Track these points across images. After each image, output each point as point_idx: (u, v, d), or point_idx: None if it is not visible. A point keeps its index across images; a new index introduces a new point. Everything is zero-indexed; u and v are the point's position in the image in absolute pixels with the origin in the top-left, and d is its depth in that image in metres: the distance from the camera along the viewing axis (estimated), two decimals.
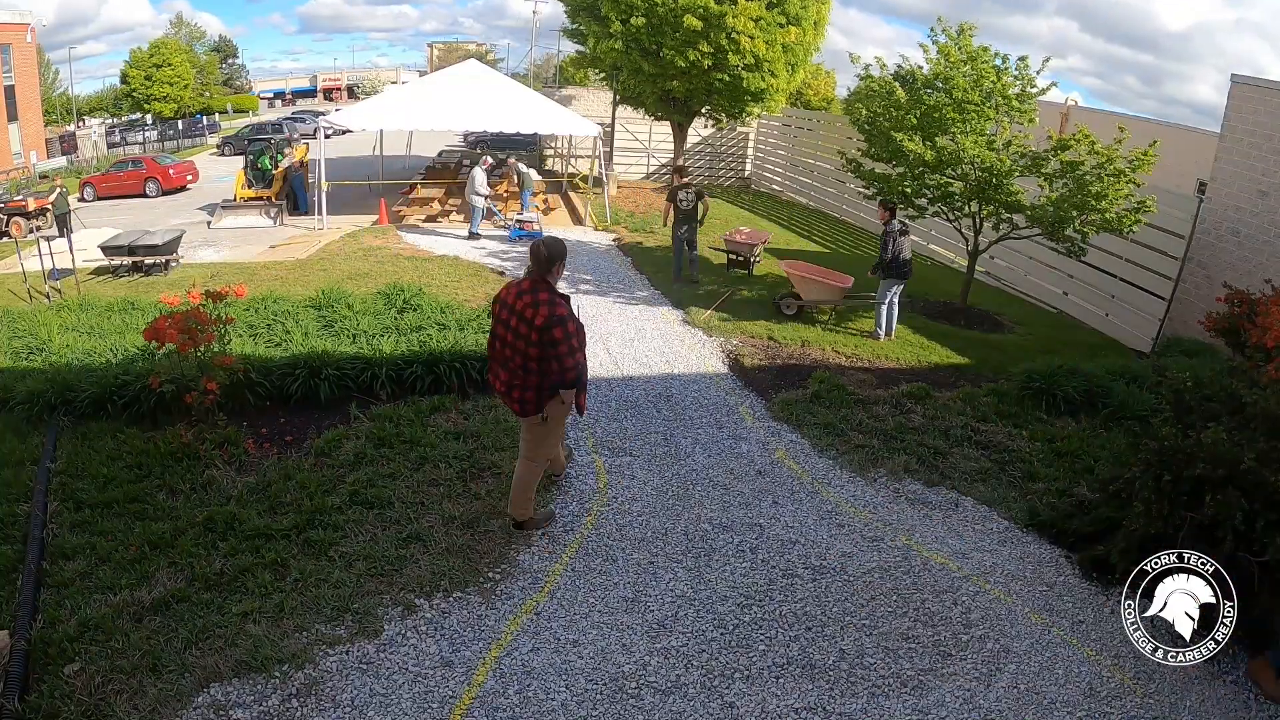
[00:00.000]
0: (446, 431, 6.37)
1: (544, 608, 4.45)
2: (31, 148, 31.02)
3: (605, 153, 18.53)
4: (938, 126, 9.86)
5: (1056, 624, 4.56)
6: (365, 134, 19.69)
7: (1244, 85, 9.71)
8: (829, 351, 8.86)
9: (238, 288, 7.03)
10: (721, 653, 4.17)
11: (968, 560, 5.12)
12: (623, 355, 8.52)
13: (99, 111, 54.91)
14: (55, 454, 5.86)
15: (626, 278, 11.93)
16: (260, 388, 6.68)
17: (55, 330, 8.08)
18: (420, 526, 5.08)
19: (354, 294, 9.34)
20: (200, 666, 3.82)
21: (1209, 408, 4.93)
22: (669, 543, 5.14)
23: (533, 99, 16.82)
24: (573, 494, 5.68)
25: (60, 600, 4.26)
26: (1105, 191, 8.74)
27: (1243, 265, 9.36)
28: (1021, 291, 12.64)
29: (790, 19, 17.19)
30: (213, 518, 5.00)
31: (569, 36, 22.42)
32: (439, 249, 13.09)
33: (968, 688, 4.02)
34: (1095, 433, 7.02)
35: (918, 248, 15.76)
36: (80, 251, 11.26)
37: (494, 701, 3.76)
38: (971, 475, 6.22)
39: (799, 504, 5.70)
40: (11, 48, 30.63)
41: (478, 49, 68.32)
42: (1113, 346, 10.09)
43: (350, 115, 17.61)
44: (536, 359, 4.58)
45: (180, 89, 50.95)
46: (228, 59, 66.26)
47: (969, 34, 10.18)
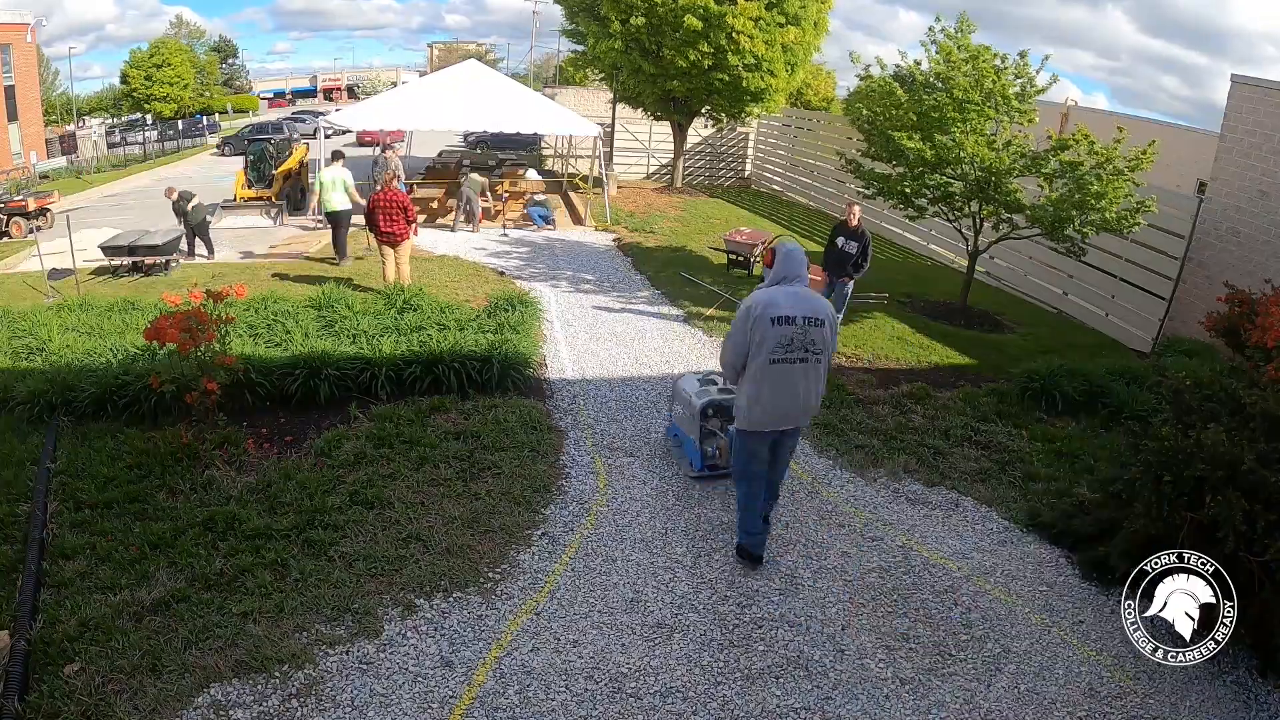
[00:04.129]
0: (446, 431, 6.37)
1: (544, 608, 4.45)
2: (31, 148, 31.00)
3: (605, 153, 18.53)
4: (938, 126, 9.86)
5: (1056, 624, 4.56)
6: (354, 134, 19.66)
7: (1244, 85, 9.71)
8: None
9: (238, 288, 7.03)
10: (721, 653, 4.17)
11: (968, 560, 5.12)
12: (623, 355, 8.52)
13: (99, 112, 54.90)
14: (55, 454, 5.86)
15: (627, 278, 11.93)
16: (260, 388, 6.69)
17: (55, 330, 8.07)
18: (420, 526, 5.08)
19: (354, 294, 9.34)
20: (200, 666, 3.82)
21: (1209, 408, 4.92)
22: (669, 543, 5.14)
23: (533, 99, 16.81)
24: (573, 494, 5.68)
25: (60, 600, 4.26)
26: (1105, 191, 8.74)
27: (1243, 265, 9.36)
28: (1021, 291, 12.64)
29: (790, 19, 17.20)
30: (213, 518, 5.00)
31: (568, 36, 22.43)
32: (439, 249, 13.09)
33: (968, 688, 4.02)
34: (1095, 433, 7.03)
35: (918, 247, 15.82)
36: (80, 251, 11.25)
37: (494, 702, 3.76)
38: (971, 475, 6.22)
39: (799, 504, 5.70)
40: (11, 48, 30.61)
41: (477, 49, 68.37)
42: (1113, 346, 10.09)
43: (350, 115, 17.60)
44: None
45: (180, 89, 50.97)
46: (228, 59, 66.28)
47: (968, 33, 10.18)
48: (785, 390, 4.50)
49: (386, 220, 9.71)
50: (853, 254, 8.88)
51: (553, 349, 8.59)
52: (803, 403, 4.59)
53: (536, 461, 6.04)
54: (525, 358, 7.57)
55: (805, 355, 4.49)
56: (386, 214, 9.69)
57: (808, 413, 4.71)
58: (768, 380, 4.48)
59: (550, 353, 8.46)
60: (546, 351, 8.46)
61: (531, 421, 6.61)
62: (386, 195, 9.68)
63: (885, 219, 16.33)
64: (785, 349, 4.44)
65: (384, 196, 9.70)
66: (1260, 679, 4.19)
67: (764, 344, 4.44)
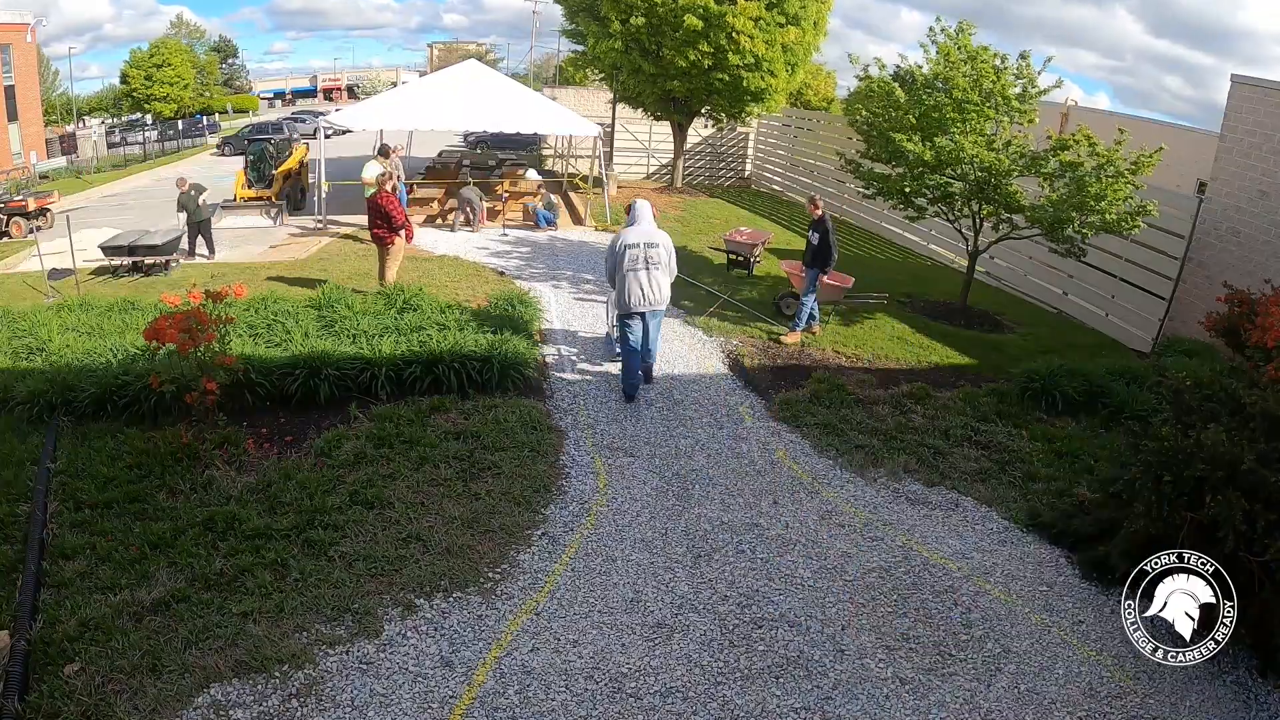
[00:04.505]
0: (446, 431, 6.37)
1: (544, 608, 4.45)
2: (31, 148, 30.99)
3: (605, 153, 18.53)
4: (937, 127, 9.86)
5: (1056, 624, 4.56)
6: (365, 134, 19.66)
7: (1244, 85, 9.70)
8: (829, 351, 8.86)
9: (237, 287, 7.03)
10: (721, 653, 4.17)
11: (968, 560, 5.12)
12: None
13: (99, 112, 54.89)
14: (55, 454, 5.86)
15: None
16: (260, 388, 6.68)
17: (55, 330, 8.07)
18: (420, 526, 5.09)
19: (354, 294, 9.34)
20: (200, 666, 3.82)
21: (1209, 408, 4.92)
22: (669, 543, 5.14)
23: (533, 99, 16.81)
24: (573, 494, 5.68)
25: (60, 600, 4.26)
26: (1105, 192, 8.74)
27: (1243, 265, 9.35)
28: (1021, 291, 12.63)
29: (790, 19, 17.19)
30: (213, 518, 5.01)
31: (568, 36, 22.41)
32: (439, 249, 13.08)
33: (968, 688, 4.02)
34: (1095, 433, 7.03)
35: (918, 247, 15.83)
36: (80, 251, 11.25)
37: (494, 702, 3.77)
38: (971, 475, 6.22)
39: (799, 504, 5.70)
40: (11, 48, 30.60)
41: (478, 49, 68.33)
42: (1113, 346, 10.09)
43: (350, 115, 17.59)
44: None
45: (180, 89, 50.95)
46: (227, 59, 66.27)
47: (968, 33, 10.18)
48: (637, 287, 7.05)
49: (370, 221, 9.89)
50: (815, 244, 9.02)
51: (553, 348, 8.59)
52: (651, 295, 7.10)
53: (536, 461, 6.04)
54: (525, 358, 7.58)
55: (647, 265, 7.05)
56: (371, 216, 9.85)
57: (659, 301, 7.19)
58: (626, 282, 7.06)
59: (550, 352, 8.46)
60: (546, 351, 8.46)
61: (531, 421, 6.61)
62: (374, 198, 9.78)
63: (885, 219, 16.34)
64: (633, 262, 7.03)
65: (372, 199, 9.83)
66: (1260, 679, 4.19)
67: (622, 261, 7.07)
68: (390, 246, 9.83)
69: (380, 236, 9.75)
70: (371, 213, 9.81)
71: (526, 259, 12.73)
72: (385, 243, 9.78)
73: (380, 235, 9.74)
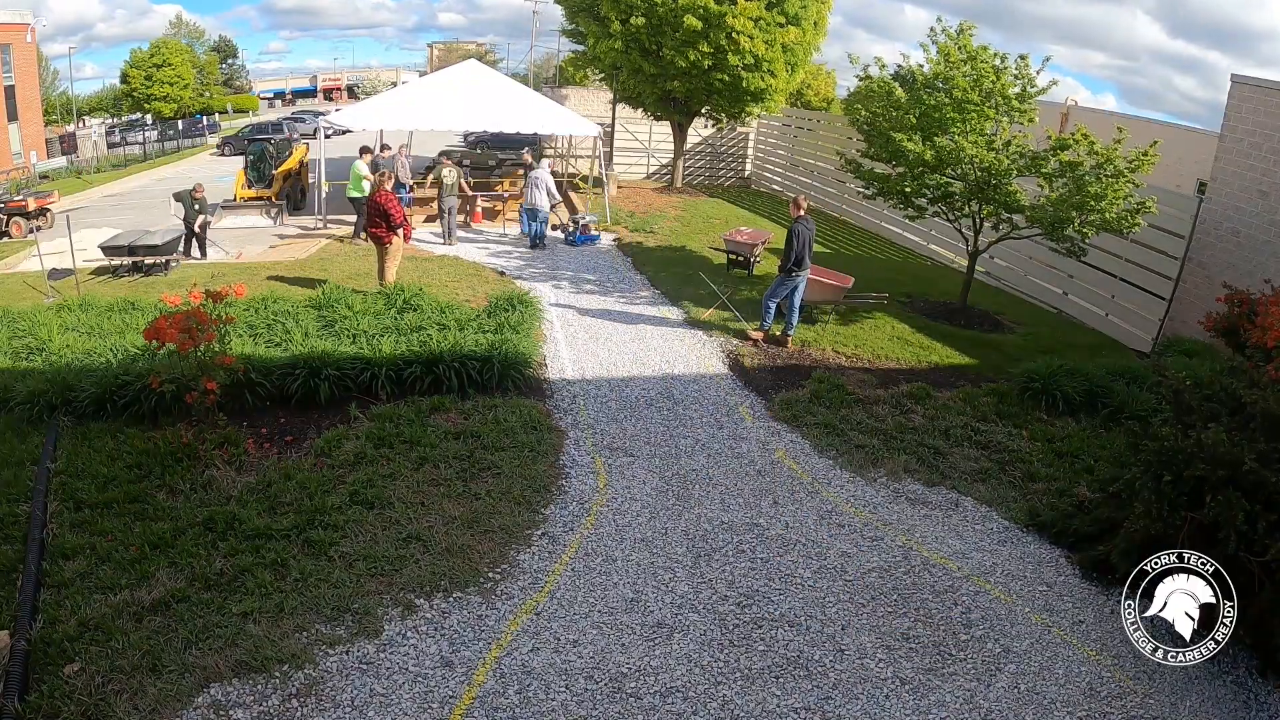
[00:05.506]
0: (446, 431, 6.37)
1: (544, 608, 4.45)
2: (31, 148, 31.00)
3: (605, 153, 18.52)
4: (937, 126, 9.86)
5: (1056, 624, 4.56)
6: (365, 134, 19.66)
7: (1244, 85, 9.70)
8: (829, 351, 8.85)
9: (237, 287, 7.02)
10: (721, 653, 4.17)
11: (968, 560, 5.12)
12: (623, 355, 8.52)
13: (99, 111, 54.88)
14: (55, 454, 5.86)
15: (627, 278, 11.92)
16: (260, 388, 6.68)
17: (55, 330, 8.07)
18: (420, 526, 5.09)
19: (354, 294, 9.34)
20: (200, 666, 3.82)
21: (1209, 408, 4.92)
22: (669, 543, 5.14)
23: (533, 99, 16.81)
24: (573, 494, 5.68)
25: (60, 600, 4.26)
26: (1104, 192, 8.74)
27: (1243, 265, 9.35)
28: (1021, 291, 12.63)
29: (790, 19, 17.19)
30: (213, 518, 5.01)
31: (568, 36, 22.41)
32: (439, 249, 13.08)
33: (968, 688, 4.02)
34: (1095, 433, 7.03)
35: (918, 247, 15.83)
36: (80, 251, 11.24)
37: (494, 701, 3.76)
38: (971, 475, 6.22)
39: (799, 504, 5.70)
40: (11, 48, 30.61)
41: (477, 49, 68.30)
42: (1113, 346, 10.08)
43: (350, 115, 17.58)
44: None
45: (180, 89, 50.94)
46: (227, 59, 66.26)
47: (968, 34, 10.18)
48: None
49: (369, 220, 9.93)
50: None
51: (553, 349, 8.58)
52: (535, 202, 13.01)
53: (536, 461, 6.04)
54: (525, 358, 7.58)
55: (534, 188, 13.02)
56: (369, 215, 9.90)
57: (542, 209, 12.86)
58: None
59: (550, 353, 8.46)
60: (547, 351, 8.45)
61: (532, 421, 6.61)
62: (373, 197, 9.82)
63: (885, 219, 16.33)
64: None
65: (371, 198, 9.87)
66: (1260, 679, 4.19)
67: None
68: (389, 245, 9.84)
69: (378, 235, 9.76)
70: (370, 211, 9.82)
71: (527, 259, 12.73)
72: (384, 242, 9.79)
73: (378, 234, 9.75)
